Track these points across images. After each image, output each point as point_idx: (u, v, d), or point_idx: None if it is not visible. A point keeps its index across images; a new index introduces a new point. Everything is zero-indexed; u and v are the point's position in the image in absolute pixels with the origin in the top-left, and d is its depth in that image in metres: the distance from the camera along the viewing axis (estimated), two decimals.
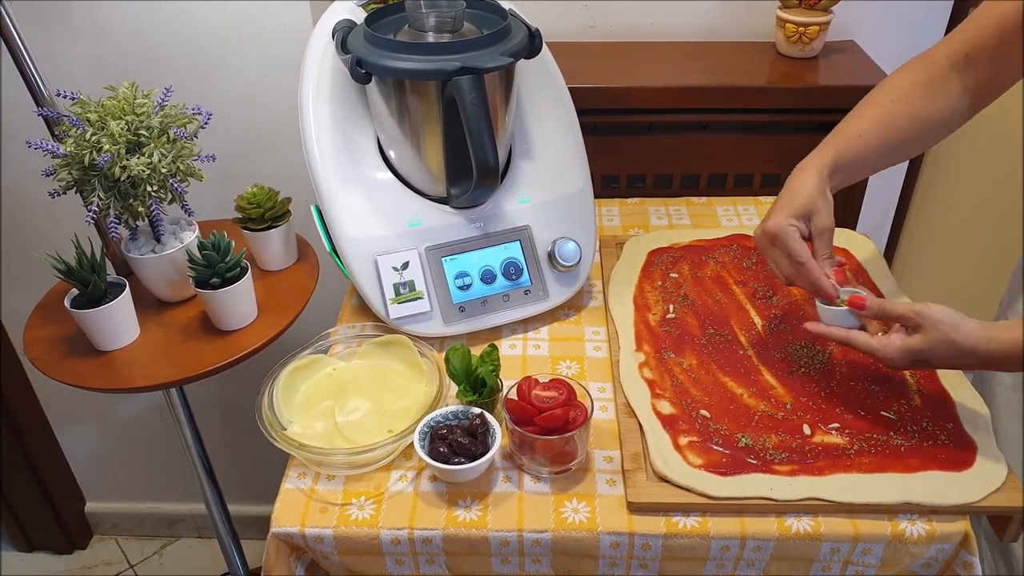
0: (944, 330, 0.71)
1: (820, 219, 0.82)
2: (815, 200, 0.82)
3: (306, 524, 0.75)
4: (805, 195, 0.82)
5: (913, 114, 0.83)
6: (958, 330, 0.71)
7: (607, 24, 1.39)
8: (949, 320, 0.71)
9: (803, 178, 0.83)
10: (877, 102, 0.85)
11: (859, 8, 1.35)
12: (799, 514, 0.73)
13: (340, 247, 0.93)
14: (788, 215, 0.81)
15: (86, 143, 0.89)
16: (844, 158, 0.83)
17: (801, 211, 0.82)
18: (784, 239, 0.81)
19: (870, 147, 0.84)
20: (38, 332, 1.00)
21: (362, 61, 0.85)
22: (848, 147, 0.84)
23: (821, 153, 0.84)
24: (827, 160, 0.83)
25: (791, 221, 0.81)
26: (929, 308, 0.72)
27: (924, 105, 0.83)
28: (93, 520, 1.85)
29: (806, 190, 0.82)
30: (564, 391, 0.78)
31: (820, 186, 0.82)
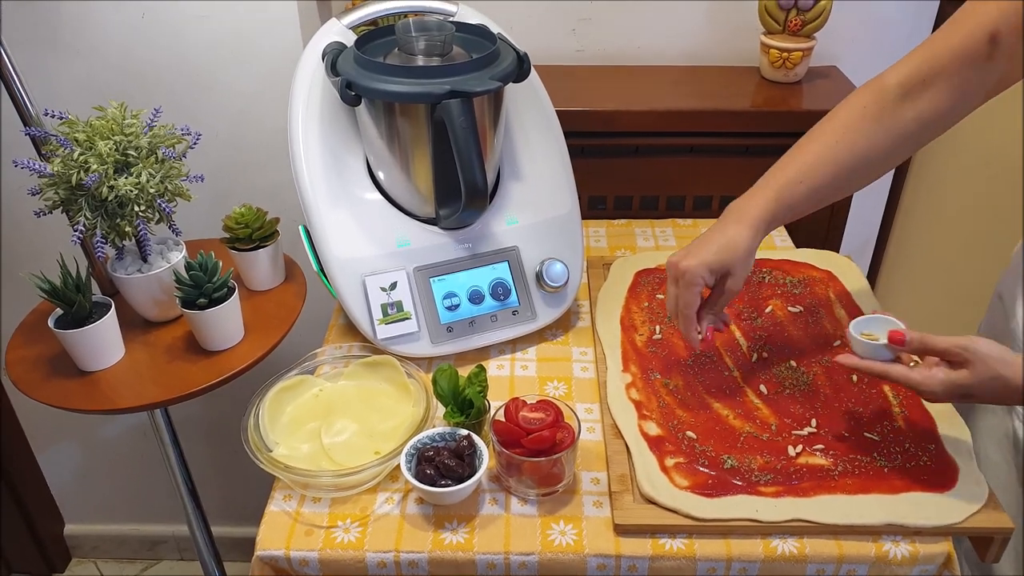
0: (992, 365, 0.68)
1: (732, 282, 0.82)
2: (739, 262, 0.81)
3: (291, 547, 0.74)
4: (732, 254, 0.80)
5: (859, 151, 0.80)
6: (1007, 366, 0.68)
7: (595, 48, 1.41)
8: (997, 355, 0.69)
9: (740, 234, 0.80)
10: (822, 139, 0.82)
11: (842, 34, 1.38)
12: (784, 535, 0.74)
13: (328, 267, 0.93)
14: (706, 265, 0.80)
15: (73, 163, 0.88)
16: (784, 206, 0.82)
17: (720, 267, 0.81)
18: (686, 286, 0.81)
19: (812, 190, 0.81)
20: (20, 352, 0.99)
21: (352, 84, 0.86)
22: (789, 194, 0.81)
23: (762, 202, 0.82)
24: (768, 212, 0.81)
25: (703, 273, 0.80)
26: (975, 343, 0.69)
27: (870, 142, 0.80)
28: (72, 542, 1.82)
29: (735, 249, 0.80)
30: (551, 412, 0.79)
31: (750, 246, 0.81)
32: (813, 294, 1.03)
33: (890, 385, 0.88)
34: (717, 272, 0.81)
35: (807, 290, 1.03)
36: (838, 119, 0.82)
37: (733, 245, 0.80)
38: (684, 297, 0.81)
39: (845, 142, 0.80)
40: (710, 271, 0.80)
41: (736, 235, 0.80)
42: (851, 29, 1.38)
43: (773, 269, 1.07)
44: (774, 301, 1.02)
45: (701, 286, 0.81)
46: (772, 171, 0.84)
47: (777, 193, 0.82)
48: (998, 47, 0.73)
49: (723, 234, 0.81)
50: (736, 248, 0.80)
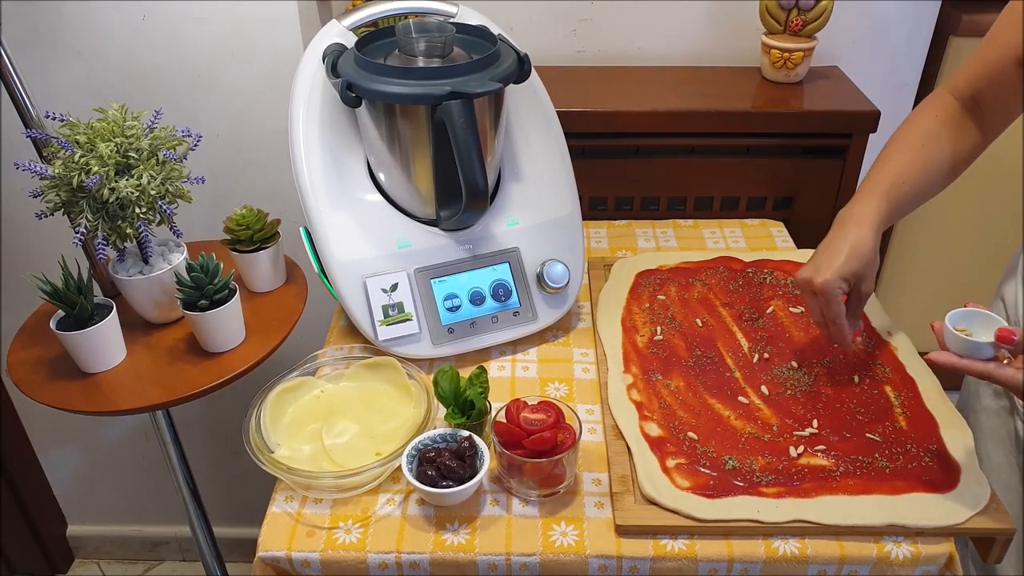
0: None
1: (866, 285, 0.85)
2: (869, 265, 0.83)
3: (293, 548, 0.74)
4: (861, 260, 0.83)
5: (946, 154, 0.86)
6: None
7: (595, 49, 1.41)
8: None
9: (862, 236, 0.83)
10: (909, 146, 0.87)
11: (843, 35, 1.38)
12: (786, 536, 0.74)
13: (329, 269, 0.93)
14: (840, 276, 0.82)
15: (75, 165, 0.89)
16: (894, 205, 0.85)
17: (852, 275, 0.83)
18: (828, 299, 0.83)
19: (913, 192, 0.86)
20: (22, 354, 0.99)
21: (352, 85, 0.86)
22: (897, 194, 0.85)
23: (875, 203, 0.84)
24: (883, 212, 0.84)
25: (840, 284, 0.82)
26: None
27: (953, 145, 0.86)
28: (75, 543, 1.82)
29: (863, 254, 0.83)
30: (552, 413, 0.79)
31: (874, 247, 0.83)
32: None
33: (891, 386, 0.88)
34: (851, 280, 0.83)
35: None
36: (917, 124, 0.88)
37: (859, 250, 0.83)
38: (832, 310, 0.83)
39: (931, 145, 0.86)
40: (845, 280, 0.83)
41: (859, 239, 0.83)
42: (852, 29, 1.38)
43: (775, 270, 1.07)
44: (776, 302, 1.02)
45: (840, 295, 0.83)
46: (872, 176, 0.87)
47: (886, 193, 0.85)
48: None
49: (846, 241, 0.83)
50: (863, 253, 0.83)
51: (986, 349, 0.70)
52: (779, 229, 1.23)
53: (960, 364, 0.71)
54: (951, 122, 0.86)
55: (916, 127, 0.88)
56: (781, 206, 1.34)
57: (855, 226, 0.84)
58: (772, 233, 1.22)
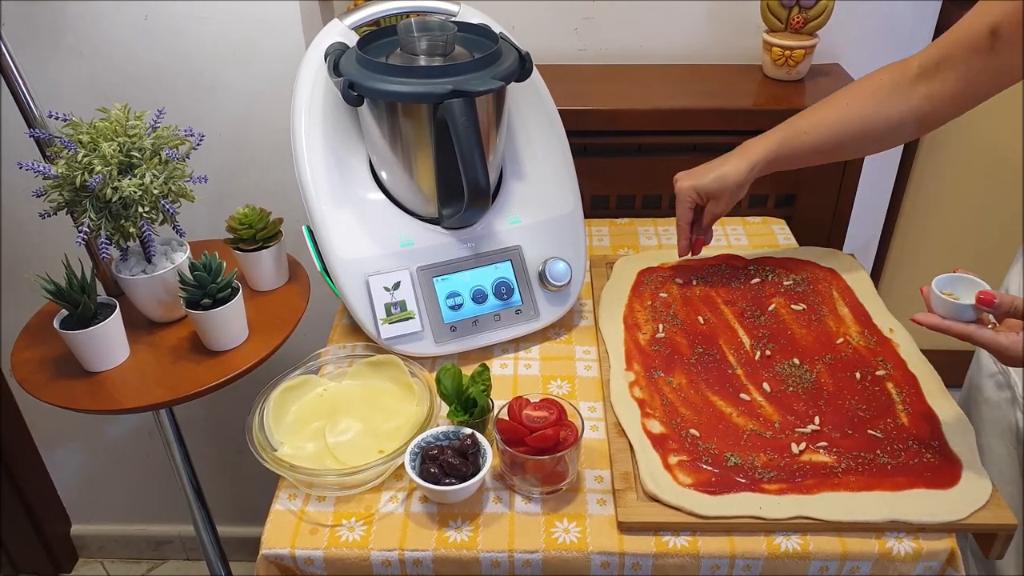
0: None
1: (717, 206, 0.98)
2: (726, 191, 0.95)
3: (296, 546, 0.75)
4: (721, 182, 0.95)
5: (866, 116, 0.89)
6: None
7: (597, 47, 1.41)
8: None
9: (735, 165, 0.94)
10: (835, 102, 0.92)
11: (844, 32, 1.38)
12: (788, 533, 0.74)
13: (331, 267, 0.93)
14: (694, 187, 0.97)
15: (77, 164, 0.89)
16: (785, 151, 0.93)
17: (706, 191, 0.96)
18: (679, 201, 0.99)
19: (814, 144, 0.92)
20: (26, 353, 0.99)
21: (354, 84, 0.86)
22: (794, 141, 0.93)
23: (766, 142, 0.94)
24: (770, 151, 0.94)
25: (691, 193, 0.97)
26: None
27: (880, 108, 0.88)
28: (79, 543, 1.83)
29: (726, 179, 0.94)
30: (555, 411, 0.79)
31: (742, 179, 0.94)
32: (816, 292, 1.03)
33: (893, 382, 0.88)
34: (705, 195, 0.97)
35: (810, 288, 1.03)
36: (855, 87, 0.92)
37: (725, 175, 0.95)
38: (678, 212, 1.00)
39: (855, 106, 0.90)
40: (697, 193, 0.97)
41: (732, 168, 0.95)
42: (853, 26, 1.38)
43: (776, 267, 1.07)
44: (777, 299, 1.02)
45: (689, 204, 0.98)
46: (786, 121, 0.95)
47: (782, 138, 0.94)
48: (999, 39, 0.79)
49: (723, 165, 0.95)
50: (726, 178, 0.95)
51: (968, 311, 0.73)
52: (781, 227, 1.23)
53: (942, 324, 0.74)
54: (891, 87, 0.88)
55: (855, 87, 0.92)
56: (783, 204, 1.34)
57: (737, 156, 0.95)
58: (774, 231, 1.22)
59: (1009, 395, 0.90)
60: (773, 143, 0.93)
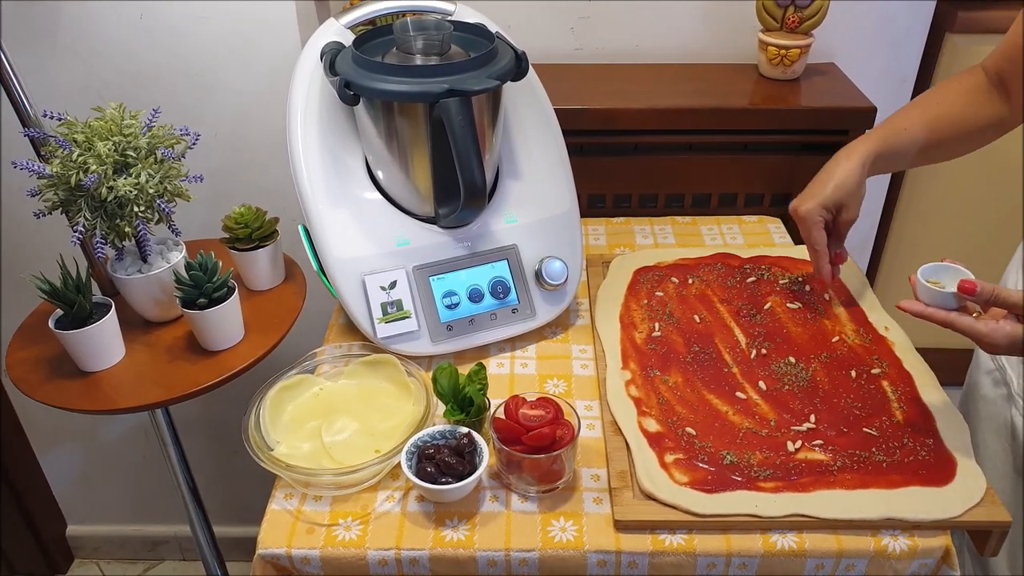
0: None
1: (848, 212, 0.91)
2: (851, 196, 0.90)
3: (293, 545, 0.75)
4: (842, 188, 0.89)
5: (957, 118, 0.90)
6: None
7: (593, 46, 1.41)
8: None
9: (846, 167, 0.89)
10: (926, 103, 0.92)
11: (839, 31, 1.38)
12: (784, 531, 0.74)
13: (328, 267, 0.93)
14: (820, 204, 0.90)
15: (73, 164, 0.89)
16: (888, 148, 0.90)
17: (832, 203, 0.90)
18: (809, 226, 0.91)
19: (913, 141, 0.90)
20: (21, 353, 0.99)
21: (350, 83, 0.86)
22: (894, 138, 0.90)
23: (868, 140, 0.90)
24: (873, 148, 0.90)
25: (821, 212, 0.90)
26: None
27: (967, 111, 0.89)
28: (75, 543, 1.82)
29: (844, 182, 0.89)
30: (551, 410, 0.79)
31: (859, 178, 0.89)
32: (812, 291, 1.03)
33: (888, 380, 0.89)
34: (832, 208, 0.91)
35: (806, 287, 1.04)
36: (945, 88, 0.92)
37: (843, 181, 0.89)
38: (812, 236, 0.92)
39: (947, 106, 0.90)
40: (824, 207, 0.90)
41: (845, 171, 0.89)
42: (849, 26, 1.38)
43: (772, 266, 1.08)
44: (773, 298, 1.02)
45: (821, 223, 0.91)
46: (882, 122, 0.94)
47: (884, 135, 0.91)
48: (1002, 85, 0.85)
49: (833, 173, 0.90)
50: (846, 184, 0.89)
51: (950, 299, 0.74)
52: (776, 225, 1.24)
53: (925, 312, 0.75)
54: (974, 91, 0.89)
55: (938, 90, 0.92)
56: (779, 202, 1.34)
57: (844, 159, 0.90)
58: (770, 229, 1.22)
59: (1005, 391, 0.91)
60: (876, 140, 0.91)
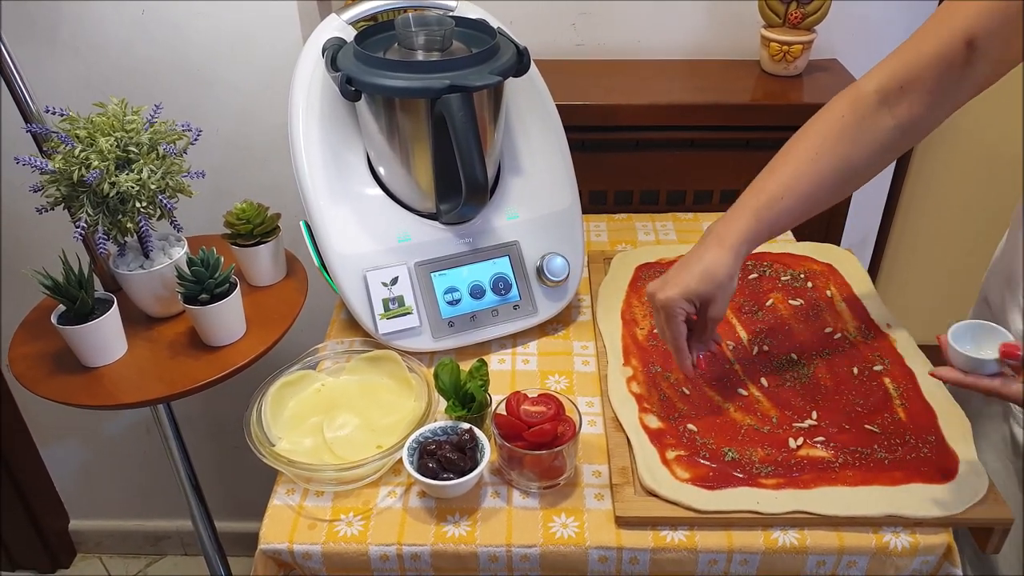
0: None
1: (715, 309, 0.79)
2: (719, 289, 0.78)
3: (294, 540, 0.75)
4: (712, 282, 0.77)
5: (839, 163, 0.78)
6: None
7: (595, 42, 1.40)
8: None
9: (719, 258, 0.78)
10: (801, 153, 0.80)
11: (841, 28, 1.38)
12: (785, 527, 0.74)
13: (329, 263, 0.93)
14: (683, 295, 0.78)
15: (75, 159, 0.89)
16: (765, 225, 0.79)
17: (698, 297, 0.78)
18: (668, 318, 0.79)
19: (794, 205, 0.79)
20: (23, 348, 0.99)
21: (352, 79, 0.86)
22: (770, 213, 0.79)
23: (742, 224, 0.79)
24: (749, 233, 0.78)
25: (682, 304, 0.78)
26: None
27: (850, 151, 0.78)
28: (77, 538, 1.83)
29: (716, 276, 0.77)
30: (553, 406, 0.79)
31: (730, 272, 0.78)
32: (814, 287, 1.03)
33: (890, 377, 0.89)
34: (696, 301, 0.78)
35: (808, 283, 1.04)
36: (816, 131, 0.80)
37: (712, 272, 0.77)
38: (671, 330, 0.80)
39: (825, 154, 0.78)
40: (688, 301, 0.78)
41: (715, 261, 0.78)
42: (851, 22, 1.38)
43: (774, 262, 1.07)
44: (775, 294, 1.02)
45: (682, 316, 0.79)
46: (751, 189, 0.81)
47: (757, 213, 0.79)
48: (975, 51, 0.71)
49: (701, 260, 0.78)
50: (715, 275, 0.77)
51: (991, 366, 0.68)
52: None
53: (966, 381, 0.68)
54: (859, 123, 0.77)
55: (814, 133, 0.80)
56: None
57: (716, 245, 0.78)
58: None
59: (1001, 408, 0.89)
60: (749, 220, 0.78)
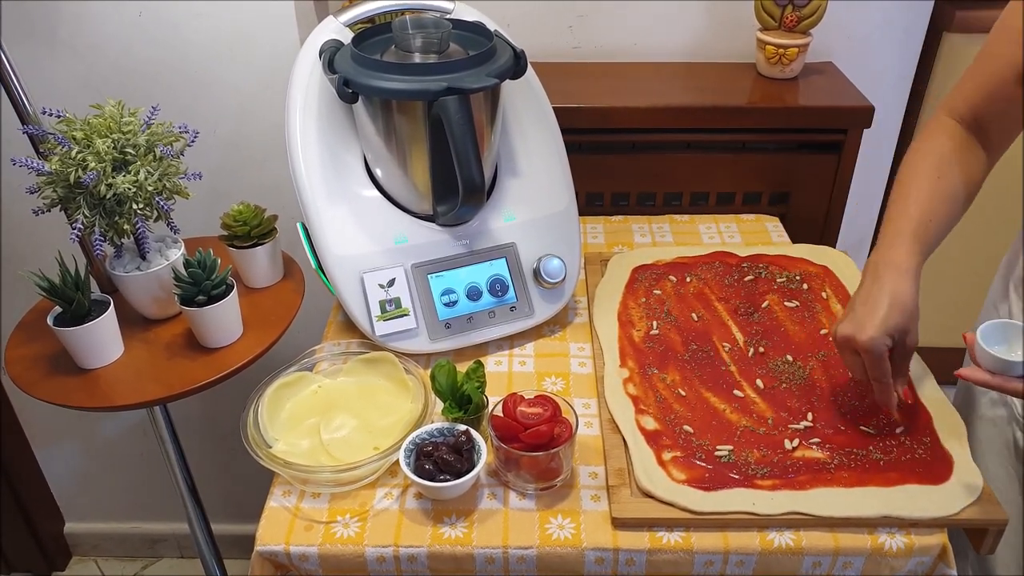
0: None
1: (911, 338, 0.79)
2: (912, 317, 0.78)
3: (291, 542, 0.75)
4: (904, 311, 0.77)
5: (960, 181, 0.83)
6: None
7: (591, 45, 1.41)
8: None
9: (902, 286, 0.78)
10: (926, 179, 0.83)
11: (837, 30, 1.38)
12: (781, 528, 0.74)
13: (326, 264, 0.93)
14: (885, 331, 0.77)
15: (71, 161, 0.89)
16: (926, 247, 0.81)
17: (896, 329, 0.77)
18: (875, 358, 0.77)
19: (939, 227, 0.82)
20: (20, 350, 0.99)
21: (349, 81, 0.86)
22: (925, 234, 0.81)
23: (909, 250, 0.80)
24: (919, 257, 0.80)
25: (885, 340, 0.77)
26: None
27: (965, 170, 0.83)
28: (72, 541, 1.82)
29: (906, 305, 0.77)
30: (549, 407, 0.79)
31: (916, 298, 0.79)
32: (810, 289, 1.03)
33: None
34: (895, 335, 0.78)
35: (803, 285, 1.04)
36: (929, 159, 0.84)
37: (901, 301, 0.77)
38: (879, 369, 0.78)
39: (948, 176, 0.83)
40: (889, 336, 0.77)
41: (899, 289, 0.78)
42: (847, 25, 1.38)
43: (770, 264, 1.08)
44: (771, 296, 1.02)
45: (887, 352, 0.78)
46: (896, 216, 0.83)
47: (915, 236, 0.81)
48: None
49: (884, 292, 0.78)
50: (905, 303, 0.78)
51: (1020, 367, 0.67)
52: (775, 224, 1.24)
53: (993, 382, 0.69)
54: (960, 147, 0.84)
55: (927, 156, 0.84)
56: (777, 201, 1.34)
57: (893, 274, 0.78)
58: (768, 228, 1.23)
59: (1006, 412, 0.89)
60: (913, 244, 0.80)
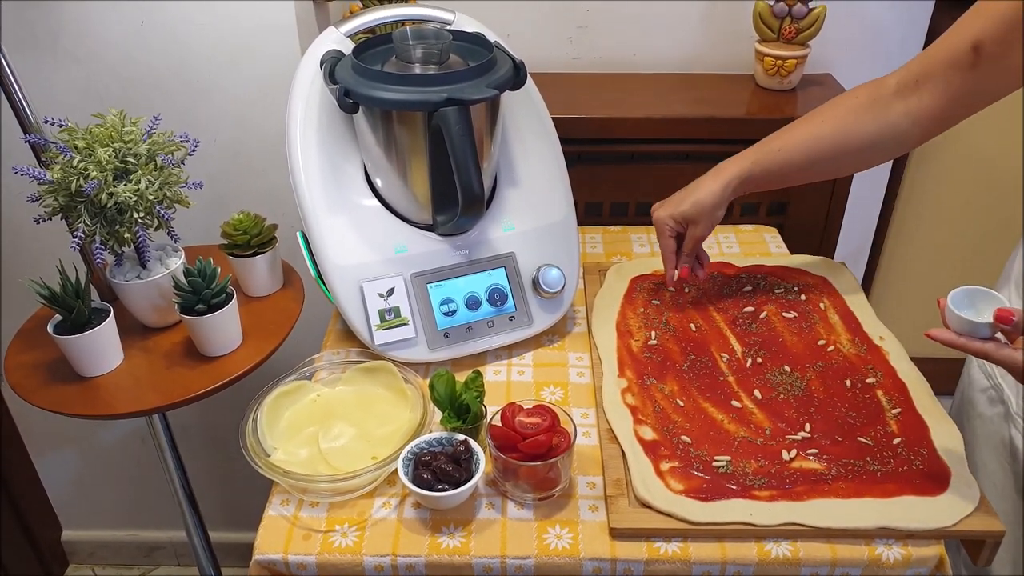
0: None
1: (695, 230, 0.95)
2: (704, 214, 0.94)
3: (289, 551, 0.75)
4: (698, 207, 0.93)
5: (841, 132, 0.88)
6: None
7: (591, 56, 1.42)
8: None
9: (709, 187, 0.93)
10: (811, 119, 0.91)
11: (835, 42, 1.39)
12: (778, 539, 0.74)
13: (326, 273, 0.94)
14: (671, 214, 0.95)
15: (73, 170, 0.89)
16: (759, 169, 0.92)
17: (683, 219, 0.95)
18: (658, 232, 0.98)
19: (789, 161, 0.91)
20: (19, 358, 0.99)
21: (350, 91, 0.87)
22: (767, 160, 0.92)
23: (738, 162, 0.93)
24: (741, 171, 0.93)
25: (668, 222, 0.96)
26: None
27: (856, 124, 0.87)
28: (70, 548, 1.82)
29: (702, 203, 0.93)
30: (548, 417, 0.79)
31: (718, 200, 0.93)
32: (807, 300, 1.04)
33: (883, 390, 0.89)
34: (682, 222, 0.95)
35: (801, 296, 1.04)
36: (831, 104, 0.91)
37: (700, 201, 0.93)
38: (660, 242, 0.98)
39: (830, 123, 0.89)
40: (675, 221, 0.96)
41: (706, 191, 0.93)
42: (845, 36, 1.39)
43: (768, 275, 1.08)
44: (769, 307, 1.02)
45: (669, 233, 0.97)
46: (762, 140, 0.94)
47: (755, 156, 0.93)
48: (981, 56, 0.77)
49: (696, 189, 0.95)
50: (702, 203, 0.93)
51: (984, 329, 0.70)
52: (773, 235, 1.24)
53: (958, 342, 0.71)
54: (872, 104, 0.86)
55: (829, 105, 0.91)
56: (775, 212, 1.35)
57: (710, 178, 0.94)
58: (766, 239, 1.23)
59: (1002, 410, 0.90)
60: (747, 162, 0.93)
